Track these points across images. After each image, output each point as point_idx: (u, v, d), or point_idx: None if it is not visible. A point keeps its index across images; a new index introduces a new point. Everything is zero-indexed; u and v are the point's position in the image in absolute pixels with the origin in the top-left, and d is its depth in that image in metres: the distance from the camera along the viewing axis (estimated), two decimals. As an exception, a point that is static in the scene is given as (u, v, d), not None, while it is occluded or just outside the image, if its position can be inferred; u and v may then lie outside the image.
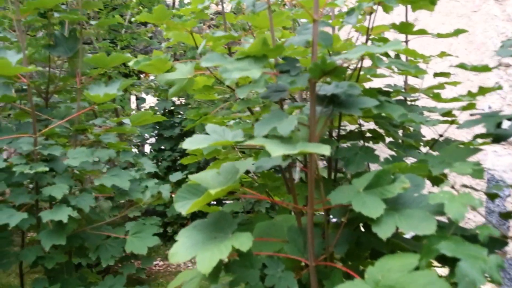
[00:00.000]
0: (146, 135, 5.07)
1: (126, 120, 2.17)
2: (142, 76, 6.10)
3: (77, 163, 1.74)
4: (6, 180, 1.81)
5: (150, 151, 5.00)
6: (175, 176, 2.53)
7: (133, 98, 5.79)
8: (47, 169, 1.65)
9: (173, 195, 1.98)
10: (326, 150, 0.78)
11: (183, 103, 5.09)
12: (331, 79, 1.03)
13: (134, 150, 5.15)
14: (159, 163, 4.79)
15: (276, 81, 1.06)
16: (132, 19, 1.76)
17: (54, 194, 1.63)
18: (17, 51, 1.88)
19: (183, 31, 1.54)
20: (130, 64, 1.65)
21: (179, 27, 1.51)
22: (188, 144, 1.04)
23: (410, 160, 1.10)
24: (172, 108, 5.02)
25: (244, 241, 0.94)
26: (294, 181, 1.32)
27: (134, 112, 5.12)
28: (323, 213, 1.20)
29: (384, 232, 0.81)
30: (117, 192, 1.90)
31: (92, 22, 2.37)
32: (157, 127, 4.86)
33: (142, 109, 5.58)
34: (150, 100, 5.87)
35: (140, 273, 3.11)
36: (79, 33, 2.24)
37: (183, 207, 1.08)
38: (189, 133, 4.68)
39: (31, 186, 2.03)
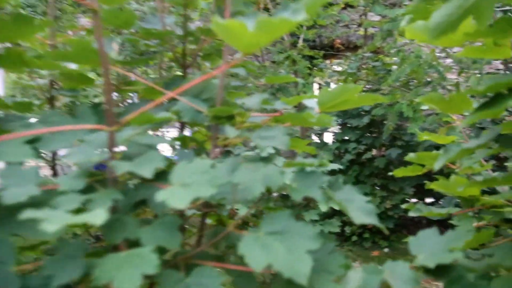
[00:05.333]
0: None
1: (310, 102, 0.91)
2: (327, 61, 5.54)
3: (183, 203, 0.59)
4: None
5: (333, 142, 4.41)
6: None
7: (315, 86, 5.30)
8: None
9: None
10: None
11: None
12: None
13: (314, 139, 4.66)
14: (343, 156, 4.26)
15: None
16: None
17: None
18: None
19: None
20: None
21: None
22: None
23: None
24: None
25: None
26: None
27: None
28: None
29: None
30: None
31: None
32: (341, 114, 4.28)
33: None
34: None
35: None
36: None
37: None
38: (376, 123, 4.13)
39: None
